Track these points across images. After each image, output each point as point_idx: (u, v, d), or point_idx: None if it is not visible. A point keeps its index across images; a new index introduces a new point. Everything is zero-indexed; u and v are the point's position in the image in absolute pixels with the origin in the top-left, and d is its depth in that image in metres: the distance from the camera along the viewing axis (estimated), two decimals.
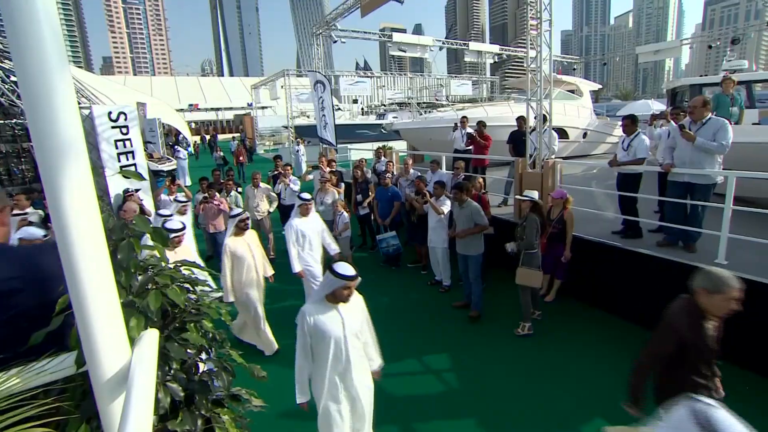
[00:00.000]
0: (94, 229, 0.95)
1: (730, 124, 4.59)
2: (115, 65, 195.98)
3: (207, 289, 4.67)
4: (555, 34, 6.39)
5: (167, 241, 1.29)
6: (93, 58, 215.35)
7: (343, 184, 8.19)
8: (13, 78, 10.07)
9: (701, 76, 11.49)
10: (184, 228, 4.03)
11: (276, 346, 4.65)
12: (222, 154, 18.31)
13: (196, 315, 1.47)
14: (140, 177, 1.35)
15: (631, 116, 5.48)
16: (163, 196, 7.21)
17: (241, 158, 17.51)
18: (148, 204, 6.85)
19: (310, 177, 8.91)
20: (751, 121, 8.09)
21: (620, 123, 5.63)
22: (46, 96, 0.86)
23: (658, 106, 20.52)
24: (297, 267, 4.90)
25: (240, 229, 4.42)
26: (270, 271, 4.77)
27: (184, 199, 6.12)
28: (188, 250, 4.28)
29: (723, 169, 4.64)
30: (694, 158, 4.63)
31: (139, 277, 1.38)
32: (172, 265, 1.40)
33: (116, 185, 6.90)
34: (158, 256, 1.35)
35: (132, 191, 6.36)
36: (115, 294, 1.06)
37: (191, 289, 1.45)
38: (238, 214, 4.60)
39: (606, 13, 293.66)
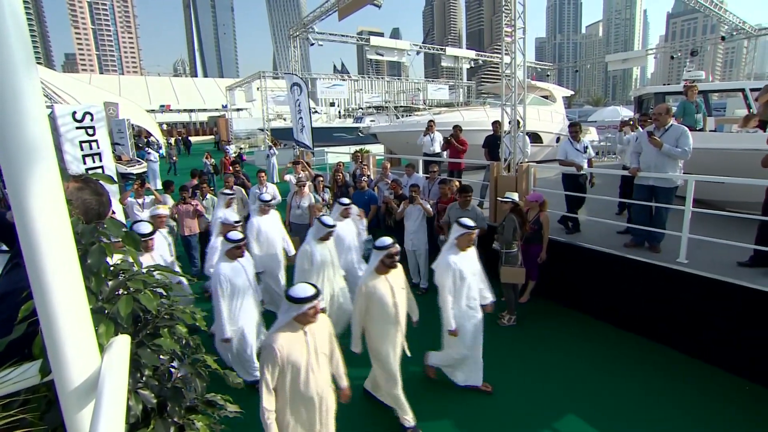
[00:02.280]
0: (62, 233, 0.92)
1: (695, 130, 4.87)
2: (79, 63, 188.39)
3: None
4: (529, 41, 6.59)
5: (139, 245, 1.25)
6: (54, 55, 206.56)
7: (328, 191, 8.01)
8: None
9: (665, 84, 12.04)
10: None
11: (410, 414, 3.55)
12: (213, 161, 15.93)
13: (170, 320, 1.44)
14: (110, 180, 1.31)
15: (577, 123, 6.27)
16: (130, 200, 6.98)
17: (232, 168, 14.75)
18: (117, 208, 6.61)
19: (288, 177, 8.79)
20: (708, 129, 8.52)
21: (568, 131, 6.31)
22: (12, 96, 0.82)
23: (626, 112, 21.37)
24: (452, 323, 3.72)
25: (385, 266, 3.36)
26: (415, 317, 3.83)
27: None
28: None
29: (684, 173, 4.89)
30: (659, 163, 4.85)
31: (110, 283, 1.34)
32: (144, 269, 1.37)
33: None
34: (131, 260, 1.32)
35: None
36: (85, 300, 1.03)
37: (165, 293, 1.42)
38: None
39: (578, 21, 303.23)
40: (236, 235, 4.15)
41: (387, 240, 3.43)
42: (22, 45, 0.84)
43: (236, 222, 4.99)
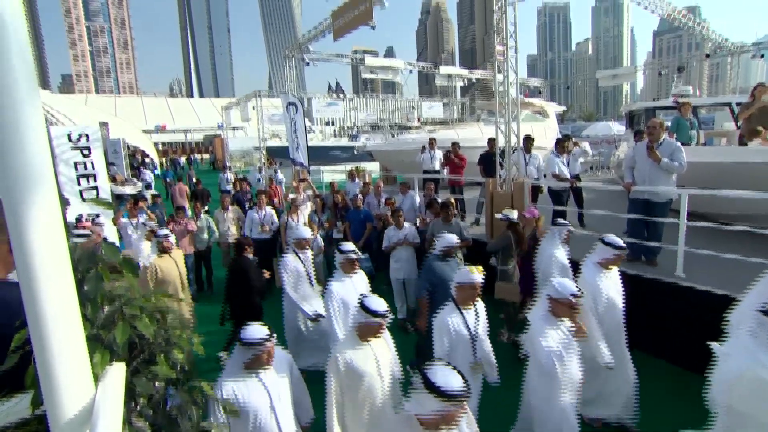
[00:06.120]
0: (60, 262, 0.90)
1: (689, 145, 4.93)
2: (76, 84, 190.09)
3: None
4: (521, 58, 6.74)
5: (137, 270, 1.24)
6: (50, 76, 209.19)
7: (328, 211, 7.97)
8: None
9: (654, 99, 12.26)
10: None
11: None
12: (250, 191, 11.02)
13: (166, 346, 1.41)
14: (108, 204, 1.30)
15: (566, 137, 6.91)
16: (123, 220, 6.88)
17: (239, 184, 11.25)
18: (110, 230, 6.52)
19: (291, 196, 8.74)
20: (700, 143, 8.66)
21: (553, 148, 6.76)
22: (14, 124, 0.82)
23: (618, 127, 21.70)
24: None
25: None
26: None
27: (153, 223, 5.86)
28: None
29: (677, 186, 4.94)
30: (653, 176, 4.90)
31: (106, 308, 1.32)
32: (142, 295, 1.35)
33: (74, 210, 6.56)
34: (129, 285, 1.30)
35: (86, 217, 6.00)
36: (80, 328, 1.01)
37: (161, 319, 1.39)
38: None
39: (567, 39, 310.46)
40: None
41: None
42: (26, 73, 0.84)
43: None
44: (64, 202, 6.37)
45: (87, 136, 7.26)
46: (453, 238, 4.21)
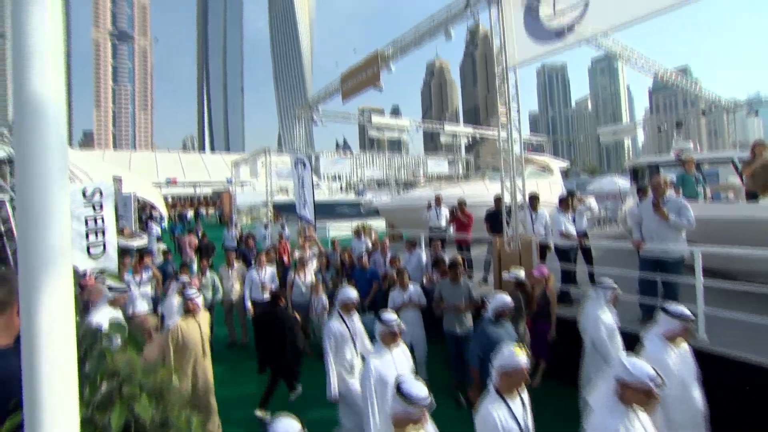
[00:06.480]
0: (66, 345, 0.89)
1: (696, 200, 4.94)
2: (96, 140, 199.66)
3: None
4: (523, 115, 6.96)
5: (142, 346, 1.20)
6: (74, 132, 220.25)
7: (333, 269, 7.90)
8: None
9: (656, 154, 12.45)
10: None
11: None
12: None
13: (162, 428, 1.33)
14: (116, 277, 1.29)
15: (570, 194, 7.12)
16: (127, 277, 6.74)
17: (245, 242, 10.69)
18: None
19: (297, 254, 8.69)
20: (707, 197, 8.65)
21: (558, 203, 6.80)
22: (43, 205, 0.86)
23: (622, 182, 21.94)
24: None
25: None
26: None
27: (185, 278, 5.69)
28: None
29: (687, 242, 4.86)
30: (661, 233, 4.85)
31: (104, 386, 1.26)
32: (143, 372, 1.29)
33: (80, 266, 6.55)
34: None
35: (90, 272, 5.96)
36: (77, 413, 0.96)
37: (160, 398, 1.33)
38: None
39: (567, 96, 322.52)
40: None
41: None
42: (60, 158, 0.88)
43: None
44: (77, 277, 6.37)
45: (101, 192, 7.45)
46: (506, 299, 3.88)
